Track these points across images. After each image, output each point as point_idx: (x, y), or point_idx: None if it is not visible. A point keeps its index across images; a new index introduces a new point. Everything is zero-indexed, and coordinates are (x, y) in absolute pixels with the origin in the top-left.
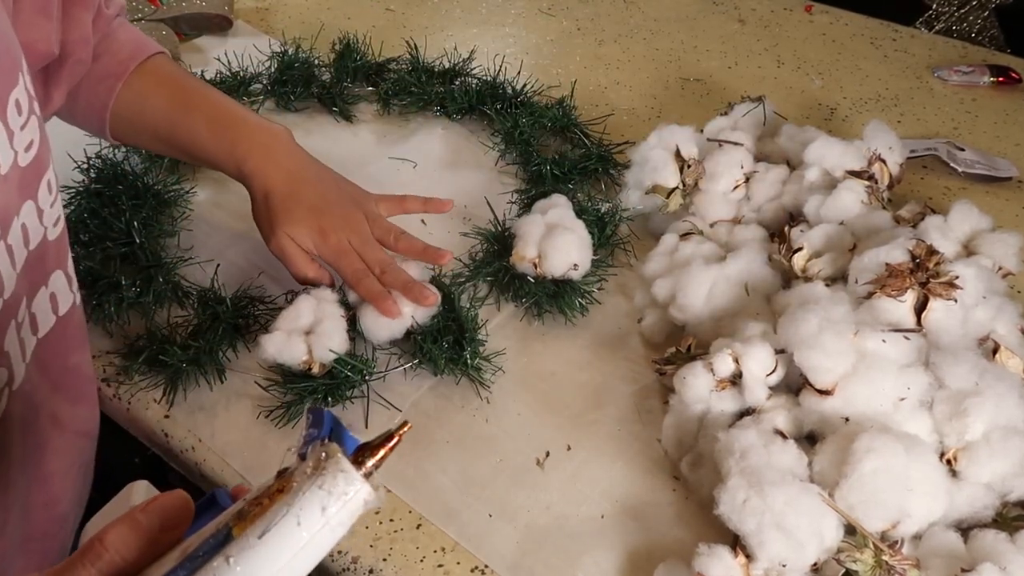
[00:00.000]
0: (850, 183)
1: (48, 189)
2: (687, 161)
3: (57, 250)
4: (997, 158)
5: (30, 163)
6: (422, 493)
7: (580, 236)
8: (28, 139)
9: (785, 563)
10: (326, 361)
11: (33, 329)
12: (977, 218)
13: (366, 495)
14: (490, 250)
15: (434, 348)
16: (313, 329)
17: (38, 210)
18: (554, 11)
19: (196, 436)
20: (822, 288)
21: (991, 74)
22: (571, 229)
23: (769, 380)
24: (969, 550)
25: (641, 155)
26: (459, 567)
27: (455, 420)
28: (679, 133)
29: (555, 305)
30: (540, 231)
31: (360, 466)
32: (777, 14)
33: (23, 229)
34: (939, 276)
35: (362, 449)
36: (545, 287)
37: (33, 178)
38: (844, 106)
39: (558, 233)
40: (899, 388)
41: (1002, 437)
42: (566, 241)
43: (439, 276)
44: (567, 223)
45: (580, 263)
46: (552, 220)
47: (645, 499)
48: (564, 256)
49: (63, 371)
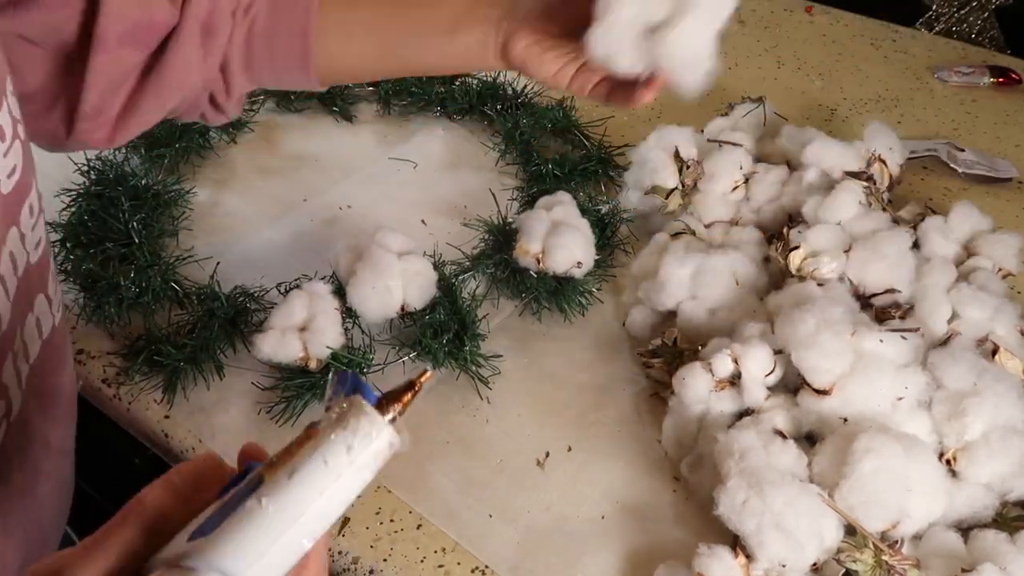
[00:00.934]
0: (848, 184)
1: (30, 212)
2: (686, 162)
3: (40, 273)
4: (997, 159)
5: (12, 189)
6: (422, 494)
7: (584, 234)
8: (11, 165)
9: (785, 563)
10: (322, 356)
11: (25, 357)
12: (977, 219)
13: (390, 437)
14: (491, 242)
15: (433, 343)
16: (307, 325)
17: (20, 235)
18: None
19: (196, 436)
20: (817, 288)
21: (991, 75)
22: (576, 227)
23: (768, 380)
24: (969, 550)
25: (640, 156)
26: (459, 568)
27: (455, 420)
28: (678, 134)
29: (555, 302)
30: (545, 227)
31: (383, 412)
32: (777, 15)
33: (11, 257)
34: None
35: (385, 397)
36: (547, 283)
37: (15, 204)
38: (844, 107)
39: (563, 230)
40: (897, 388)
41: (1001, 437)
42: (571, 238)
43: (440, 265)
44: (572, 220)
45: (584, 261)
46: (557, 217)
47: (645, 500)
48: (568, 253)
49: (50, 393)
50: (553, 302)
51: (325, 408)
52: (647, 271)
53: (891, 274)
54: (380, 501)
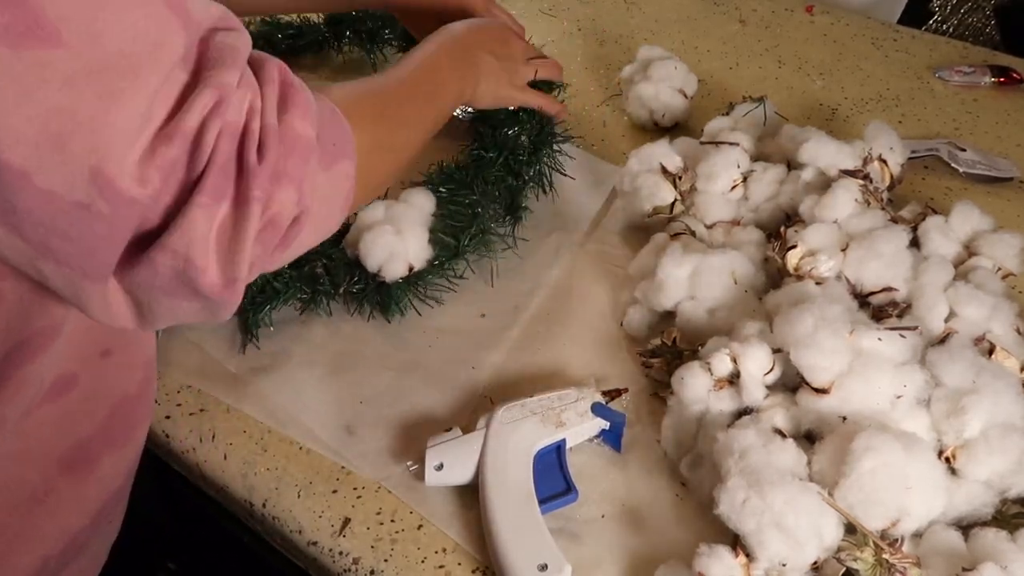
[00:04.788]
0: (844, 182)
1: None
2: (675, 174)
3: None
4: (998, 158)
5: None
6: (423, 494)
7: (406, 241)
8: None
9: (785, 562)
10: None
11: None
12: (978, 219)
13: None
14: None
15: None
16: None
17: None
18: (555, 11)
19: (197, 436)
20: (814, 287)
21: (992, 74)
22: (399, 232)
23: (766, 379)
24: (970, 549)
25: (627, 184)
26: (460, 568)
27: (455, 419)
28: (656, 149)
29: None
30: (370, 220)
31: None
32: (778, 15)
33: None
34: None
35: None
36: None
37: None
38: (845, 106)
39: (380, 231)
40: (896, 386)
41: (1000, 435)
42: (381, 241)
43: None
44: (402, 224)
45: (386, 269)
46: (389, 216)
47: (645, 500)
48: (371, 255)
49: None
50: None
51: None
52: (645, 271)
53: (888, 272)
54: (381, 502)
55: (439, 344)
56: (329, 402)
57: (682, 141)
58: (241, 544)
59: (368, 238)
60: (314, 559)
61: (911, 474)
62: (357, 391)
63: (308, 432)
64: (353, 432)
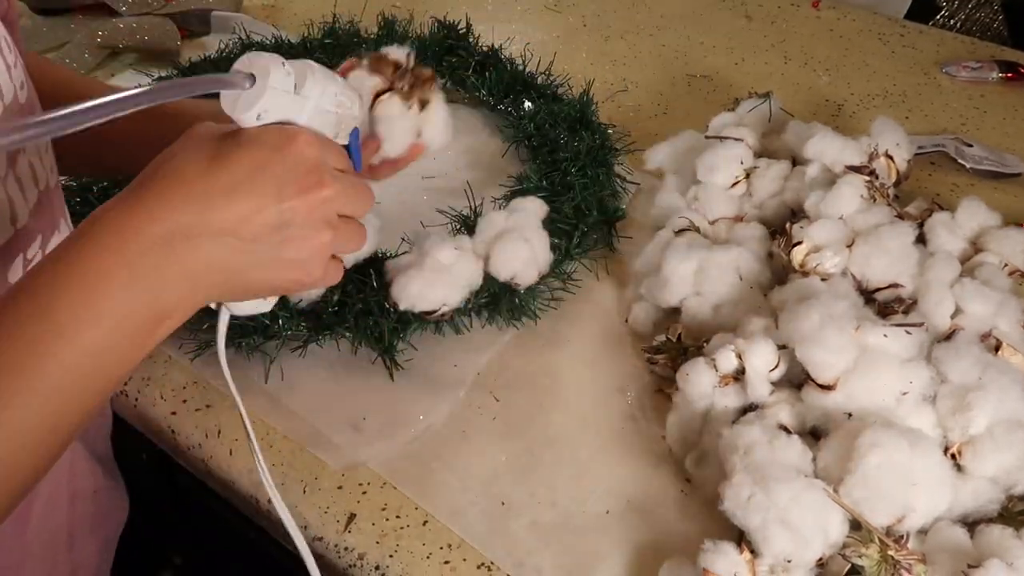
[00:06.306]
0: (849, 178)
1: None
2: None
3: (60, 201)
4: (1005, 154)
5: (26, 102)
6: (427, 490)
7: (534, 247)
8: (20, 79)
9: (790, 559)
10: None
11: None
12: (985, 214)
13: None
14: (457, 232)
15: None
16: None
17: (38, 148)
18: (560, 7)
19: (203, 432)
20: (820, 283)
21: (999, 70)
22: (526, 239)
23: (772, 376)
24: (975, 546)
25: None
26: (465, 564)
27: (460, 417)
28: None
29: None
30: (495, 230)
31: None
32: (784, 10)
33: (31, 167)
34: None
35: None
36: (492, 284)
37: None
38: (852, 102)
39: (510, 238)
40: (901, 382)
41: (1006, 431)
42: (514, 249)
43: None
44: (527, 232)
45: (520, 276)
46: (511, 224)
47: (650, 496)
48: (505, 264)
49: None
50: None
51: None
52: (650, 267)
53: (894, 268)
54: (386, 497)
55: (433, 341)
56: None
57: (687, 135)
58: (247, 539)
59: (500, 247)
60: (319, 555)
61: (916, 470)
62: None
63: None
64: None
